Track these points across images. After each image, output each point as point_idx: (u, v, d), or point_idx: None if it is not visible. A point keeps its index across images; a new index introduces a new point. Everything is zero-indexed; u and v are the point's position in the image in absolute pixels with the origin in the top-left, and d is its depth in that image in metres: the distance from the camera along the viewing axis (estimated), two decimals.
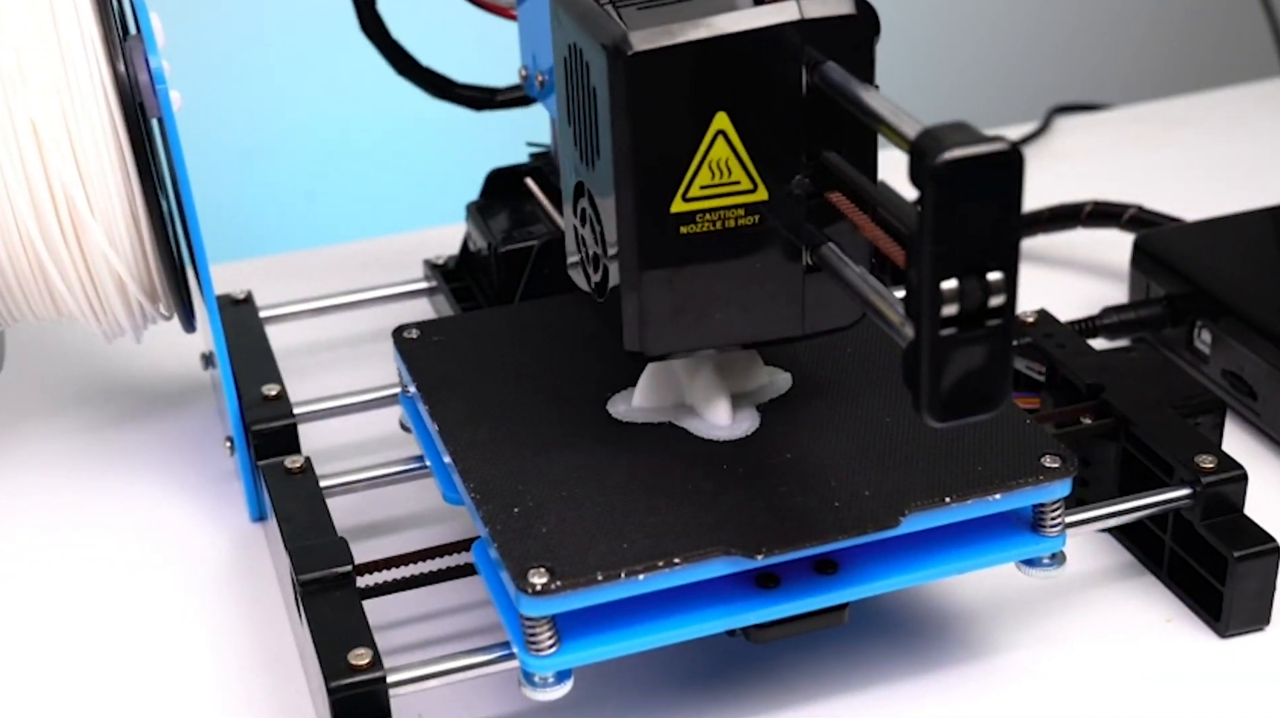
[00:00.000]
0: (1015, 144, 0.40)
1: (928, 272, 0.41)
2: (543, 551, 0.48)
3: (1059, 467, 0.51)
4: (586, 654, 0.49)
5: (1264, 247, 0.74)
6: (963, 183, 0.40)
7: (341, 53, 1.13)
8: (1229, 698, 0.54)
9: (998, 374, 0.42)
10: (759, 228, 0.50)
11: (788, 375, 0.56)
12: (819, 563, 0.50)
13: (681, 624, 0.49)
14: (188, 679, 0.56)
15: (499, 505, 0.50)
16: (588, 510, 0.50)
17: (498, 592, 0.50)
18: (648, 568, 0.48)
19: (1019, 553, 0.52)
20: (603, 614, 0.49)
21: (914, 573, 0.51)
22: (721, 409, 0.54)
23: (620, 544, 0.48)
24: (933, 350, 0.41)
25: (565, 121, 0.52)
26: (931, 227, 0.40)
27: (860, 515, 0.49)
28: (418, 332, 0.60)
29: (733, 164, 0.49)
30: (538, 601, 0.47)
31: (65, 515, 0.65)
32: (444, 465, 0.55)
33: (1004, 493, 0.50)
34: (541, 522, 0.50)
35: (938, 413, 0.42)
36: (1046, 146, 0.95)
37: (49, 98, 0.56)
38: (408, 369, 0.58)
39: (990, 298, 0.41)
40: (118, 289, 0.60)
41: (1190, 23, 1.38)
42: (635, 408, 0.55)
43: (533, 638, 0.48)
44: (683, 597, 0.49)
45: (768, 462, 0.52)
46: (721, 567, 0.48)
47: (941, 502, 0.50)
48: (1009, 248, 0.41)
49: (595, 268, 0.52)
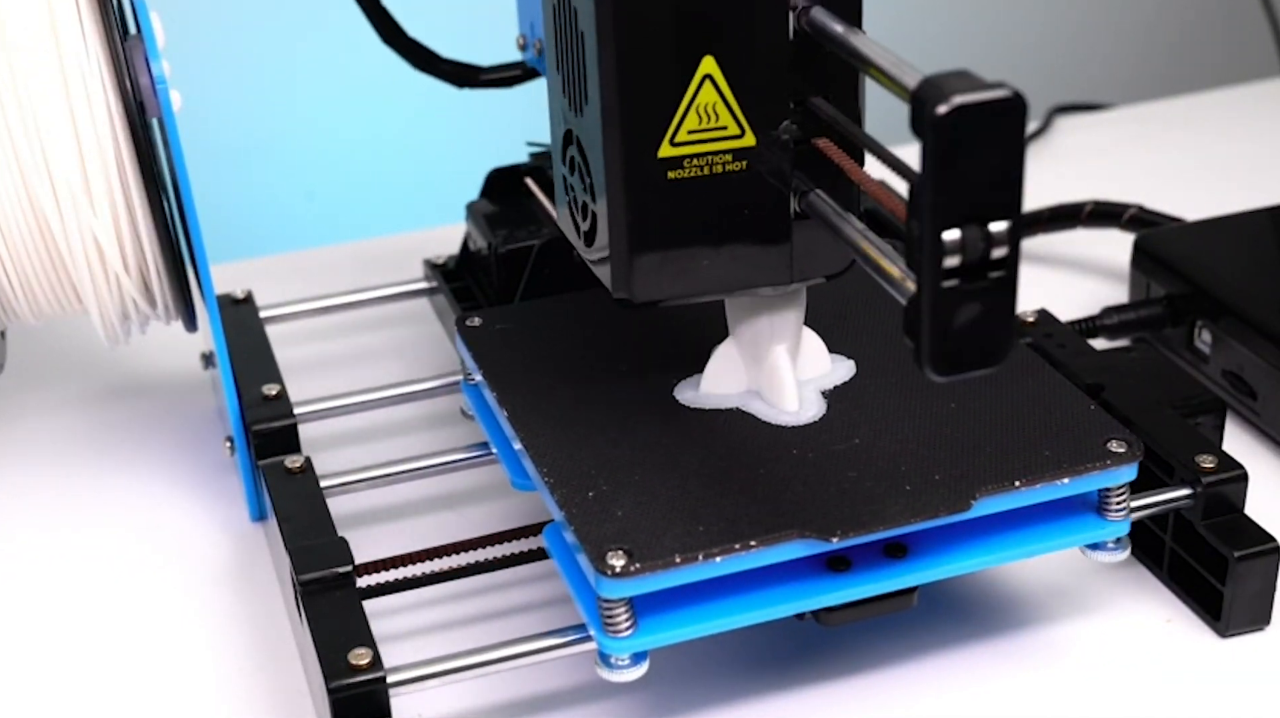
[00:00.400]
0: (1018, 91, 0.39)
1: (929, 222, 0.40)
2: (619, 533, 0.48)
3: (1125, 451, 0.51)
4: (663, 636, 0.49)
5: (1264, 247, 0.74)
6: (965, 131, 0.39)
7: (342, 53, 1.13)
8: (1229, 698, 0.54)
9: (1001, 327, 0.42)
10: (747, 174, 0.50)
11: (850, 363, 0.57)
12: (888, 547, 0.51)
13: (755, 607, 0.50)
14: (188, 679, 0.56)
15: (573, 489, 0.51)
16: (661, 495, 0.50)
17: (572, 575, 0.50)
18: (724, 551, 0.48)
19: (1085, 537, 0.53)
20: (678, 597, 0.49)
21: (983, 557, 0.51)
22: (789, 395, 0.54)
23: (696, 527, 0.49)
24: (934, 303, 0.41)
25: (554, 69, 0.52)
26: (933, 176, 0.40)
27: (932, 499, 0.50)
28: (480, 319, 0.60)
29: (720, 109, 0.49)
30: (617, 582, 0.47)
31: (65, 515, 0.65)
32: (513, 452, 0.55)
33: (1072, 477, 0.51)
34: (617, 505, 0.50)
35: (940, 367, 0.42)
36: (1046, 146, 0.95)
37: (49, 98, 0.56)
38: (472, 357, 0.58)
39: (993, 249, 0.41)
40: (119, 289, 0.60)
41: (1190, 23, 1.38)
42: (703, 393, 0.55)
43: (610, 620, 0.48)
44: (754, 580, 0.50)
45: (836, 447, 0.52)
46: (796, 549, 0.49)
47: (1011, 486, 0.50)
48: (1012, 197, 0.41)
49: (584, 216, 0.52)
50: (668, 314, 0.54)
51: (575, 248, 0.54)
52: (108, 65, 0.57)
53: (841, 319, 0.59)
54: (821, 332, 0.56)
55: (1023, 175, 0.41)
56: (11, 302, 0.60)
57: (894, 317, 0.59)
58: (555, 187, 0.55)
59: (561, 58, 0.51)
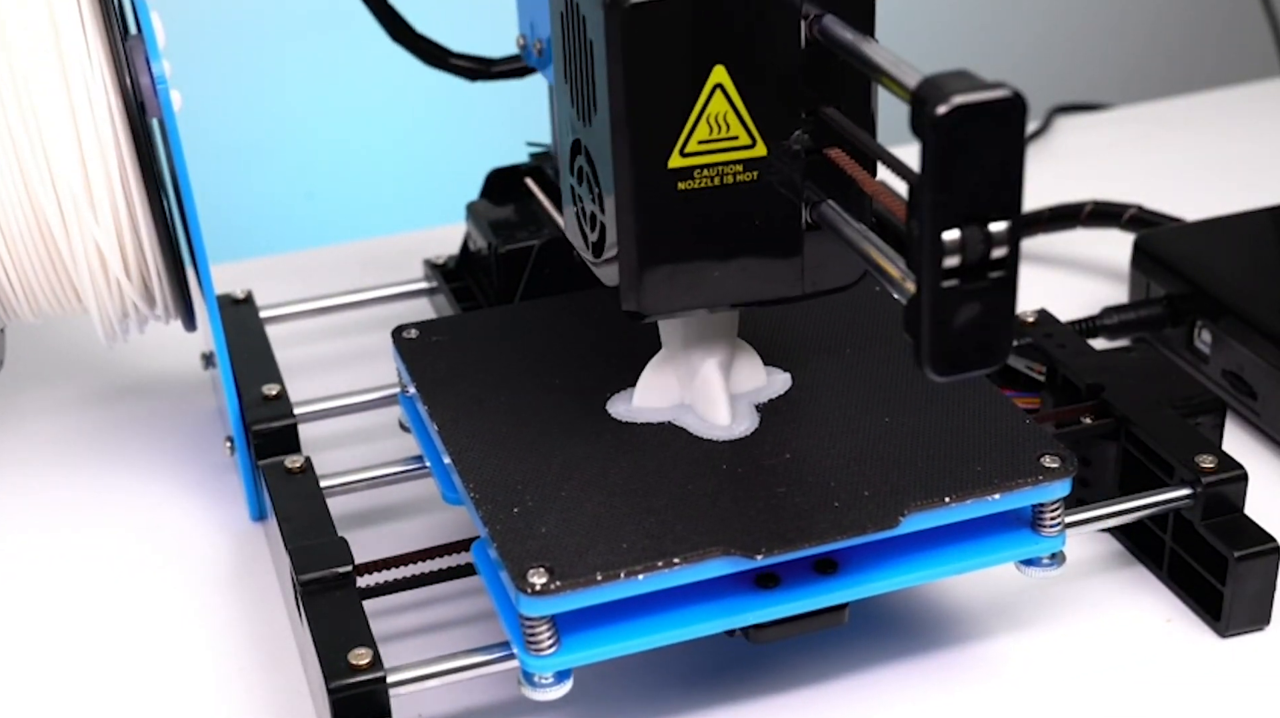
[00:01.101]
0: (1018, 91, 0.39)
1: (929, 222, 0.40)
2: (542, 551, 0.48)
3: (1059, 467, 0.51)
4: (586, 654, 0.49)
5: (1264, 247, 0.74)
6: (965, 131, 0.39)
7: (342, 53, 1.13)
8: (1229, 698, 0.54)
9: (1000, 327, 0.42)
10: (757, 184, 0.49)
11: (786, 376, 0.56)
12: (819, 563, 0.50)
13: (681, 624, 0.49)
14: (188, 679, 0.56)
15: (498, 506, 0.50)
16: (587, 511, 0.50)
17: (497, 592, 0.50)
18: (647, 568, 0.48)
19: (1018, 553, 0.52)
20: (602, 614, 0.49)
21: (914, 573, 0.51)
22: (721, 409, 0.54)
23: (620, 544, 0.48)
24: (934, 302, 0.41)
25: (562, 79, 0.52)
26: (933, 176, 0.40)
27: (860, 516, 0.49)
28: (417, 332, 0.60)
29: (731, 119, 0.48)
30: (537, 600, 0.47)
31: (65, 515, 0.65)
32: (443, 466, 0.55)
33: (1003, 493, 0.50)
34: (541, 522, 0.49)
35: (939, 366, 0.42)
36: (1046, 146, 0.95)
37: (50, 97, 0.56)
38: (407, 369, 0.58)
39: (993, 249, 0.41)
40: (118, 289, 0.60)
41: (1190, 23, 1.38)
42: (635, 408, 0.55)
43: (532, 638, 0.48)
44: (682, 597, 0.49)
45: (767, 462, 0.52)
46: (721, 567, 0.48)
47: (941, 502, 0.50)
48: (1012, 197, 0.41)
49: (592, 227, 0.52)
50: (604, 327, 0.53)
51: (583, 259, 0.54)
52: (108, 65, 0.57)
53: (779, 331, 0.59)
54: (758, 344, 0.56)
55: (1023, 175, 0.41)
56: (11, 300, 0.60)
57: (832, 328, 0.59)
58: (563, 196, 0.55)
59: (570, 67, 0.51)
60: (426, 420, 0.56)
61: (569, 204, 0.54)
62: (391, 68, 0.71)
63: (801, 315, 0.60)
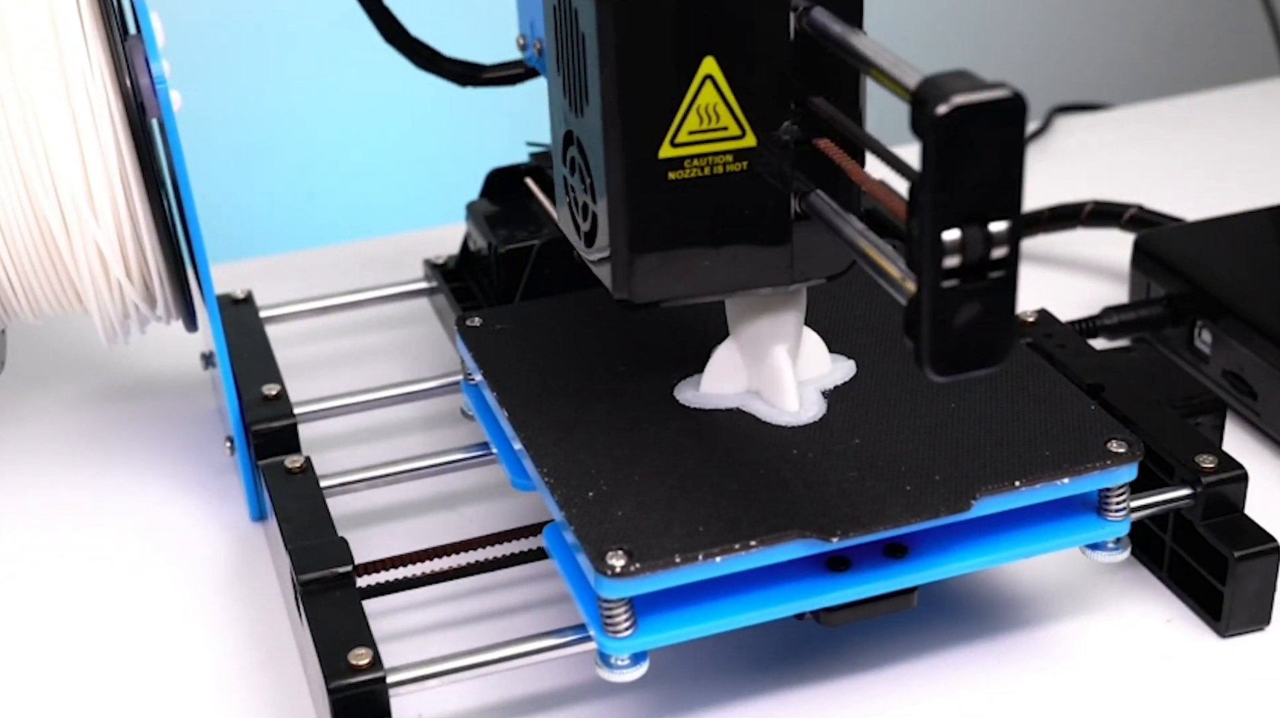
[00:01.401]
0: (1018, 91, 0.39)
1: (929, 222, 0.40)
2: (620, 534, 0.48)
3: (1125, 451, 0.51)
4: (663, 636, 0.49)
5: (1264, 246, 0.74)
6: (966, 131, 0.39)
7: (342, 53, 1.13)
8: (1229, 698, 0.54)
9: (1000, 327, 0.42)
10: (747, 174, 0.50)
11: (851, 363, 0.57)
12: (888, 547, 0.51)
13: (755, 607, 0.50)
14: (188, 679, 0.56)
15: (573, 489, 0.51)
16: (661, 495, 0.50)
17: (573, 575, 0.50)
18: (724, 551, 0.48)
19: (1085, 537, 0.53)
20: (677, 597, 0.49)
21: (983, 557, 0.51)
22: (790, 395, 0.54)
23: (696, 527, 0.49)
24: (934, 302, 0.41)
25: (555, 71, 0.52)
26: (933, 176, 0.40)
27: (933, 499, 0.49)
28: (480, 320, 0.60)
29: (721, 110, 0.49)
30: (617, 583, 0.47)
31: (65, 515, 0.65)
32: (513, 452, 0.55)
33: (1072, 477, 0.51)
34: (617, 506, 0.50)
35: (939, 367, 0.42)
36: (1046, 146, 0.95)
37: (50, 98, 0.56)
38: (472, 357, 0.58)
39: (993, 249, 0.41)
40: (119, 289, 0.59)
41: (1190, 23, 1.38)
42: (703, 393, 0.55)
43: (610, 620, 0.48)
44: (755, 580, 0.50)
45: (837, 447, 0.52)
46: (796, 549, 0.49)
47: (1011, 486, 0.50)
48: (1012, 197, 0.41)
49: (584, 216, 0.52)
50: (667, 314, 0.54)
51: (575, 248, 0.54)
52: (108, 66, 0.57)
53: (842, 319, 0.59)
54: (821, 332, 0.56)
55: (1023, 175, 0.41)
56: (11, 301, 0.60)
57: (894, 317, 0.59)
58: (555, 187, 0.55)
59: (562, 58, 0.51)
60: (495, 407, 0.56)
61: (562, 195, 0.54)
62: (392, 68, 0.71)
63: (863, 303, 0.60)
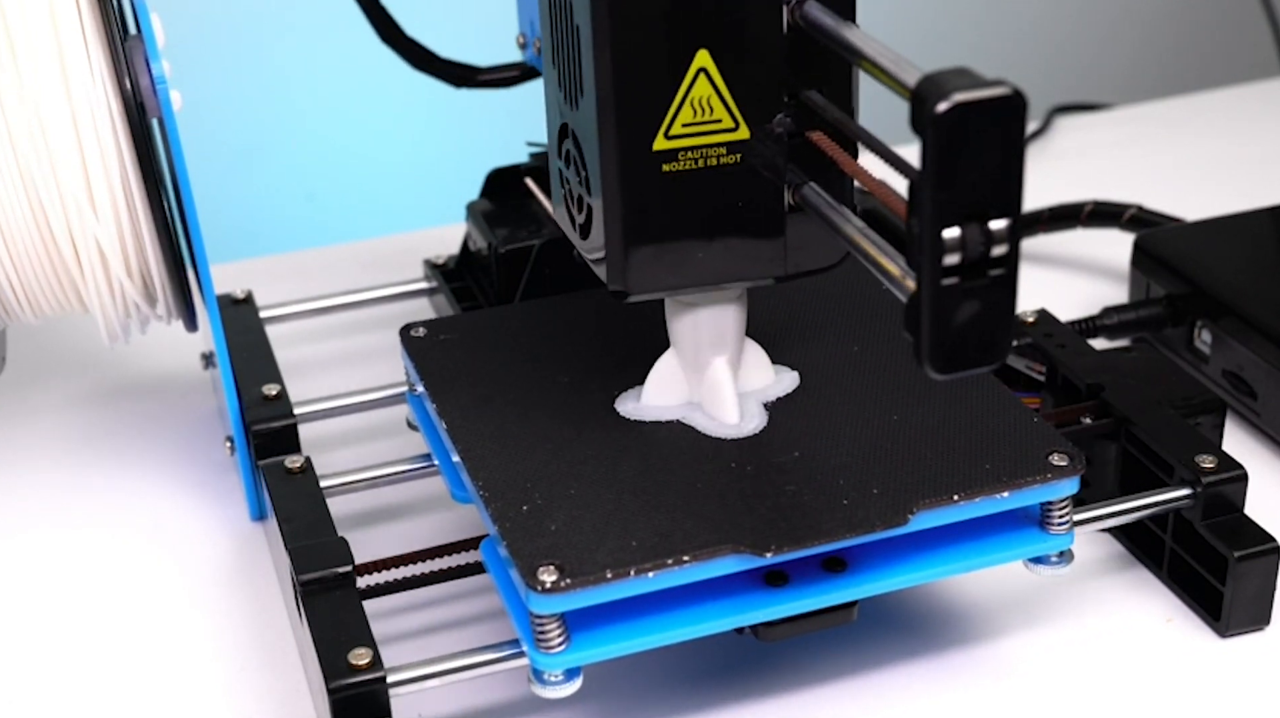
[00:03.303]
0: (1018, 89, 0.39)
1: (929, 220, 0.40)
2: (552, 548, 0.48)
3: (1067, 464, 0.51)
4: (596, 652, 0.49)
5: (1264, 246, 0.74)
6: (966, 128, 0.39)
7: (342, 53, 1.13)
8: (1229, 698, 0.54)
9: (1000, 325, 0.42)
10: (741, 167, 0.50)
11: (794, 374, 0.56)
12: (828, 561, 0.51)
13: (690, 622, 0.49)
14: (188, 679, 0.56)
15: (508, 503, 0.50)
16: (596, 508, 0.50)
17: (506, 590, 0.50)
18: (657, 566, 0.48)
19: (1027, 551, 0.52)
20: (611, 612, 0.49)
21: (922, 571, 0.51)
22: (730, 407, 0.54)
23: (629, 542, 0.48)
24: (934, 300, 0.41)
25: (550, 63, 0.52)
26: (933, 173, 0.40)
27: (869, 513, 0.49)
28: (425, 330, 0.60)
29: (714, 102, 0.49)
30: (547, 598, 0.47)
31: (65, 514, 0.65)
32: (452, 464, 0.55)
33: (1012, 491, 0.50)
34: (550, 520, 0.50)
35: (939, 364, 0.42)
36: (1046, 146, 0.95)
37: (50, 98, 0.56)
38: (415, 367, 0.58)
39: (993, 247, 0.41)
40: (119, 289, 0.59)
41: (1190, 23, 1.38)
42: (643, 406, 0.55)
43: (542, 636, 0.48)
44: (691, 595, 0.49)
45: (776, 460, 0.52)
46: (730, 564, 0.48)
47: (950, 499, 0.50)
48: (1012, 195, 0.41)
49: (579, 209, 0.52)
50: (611, 326, 0.53)
51: (570, 241, 0.54)
52: (108, 66, 0.57)
53: (786, 330, 0.59)
54: (765, 343, 0.56)
55: (1023, 173, 0.41)
56: (12, 301, 0.60)
57: (839, 327, 0.59)
58: (551, 180, 0.55)
59: (557, 51, 0.51)
60: (435, 418, 0.56)
61: (557, 188, 0.54)
62: (392, 68, 0.71)
63: (809, 313, 0.60)
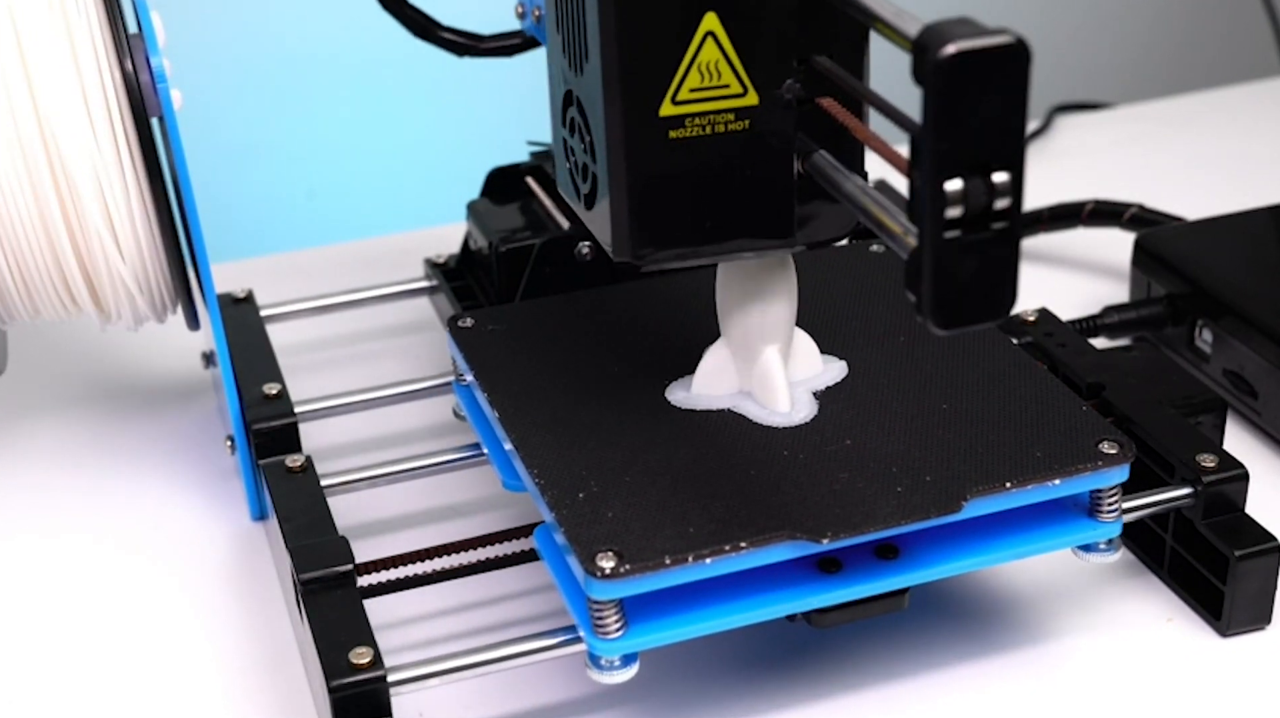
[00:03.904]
0: (1021, 37, 0.39)
1: (930, 171, 0.40)
2: (610, 535, 0.48)
3: (1117, 452, 0.51)
4: (653, 638, 0.49)
5: (1265, 246, 0.74)
6: (967, 77, 0.39)
7: (342, 52, 1.13)
8: (1229, 698, 0.54)
9: (1003, 279, 0.41)
10: (749, 133, 0.49)
11: (842, 364, 0.57)
12: (879, 548, 0.51)
13: (746, 608, 0.49)
14: (188, 679, 0.56)
15: (564, 491, 0.50)
16: (652, 496, 0.50)
17: (563, 576, 0.50)
18: (714, 552, 0.48)
19: (1077, 538, 0.52)
20: (668, 598, 0.49)
21: (974, 558, 0.51)
22: (781, 396, 0.54)
23: (686, 529, 0.48)
24: (935, 254, 0.40)
25: (554, 29, 0.52)
26: (934, 124, 0.39)
27: (923, 500, 0.49)
28: (472, 320, 0.60)
29: (722, 67, 0.48)
30: (606, 584, 0.47)
31: (65, 514, 0.65)
32: (504, 453, 0.55)
33: (1063, 478, 0.51)
34: (607, 507, 0.50)
35: (940, 319, 0.41)
36: (1047, 146, 0.95)
37: (55, 96, 0.56)
38: (464, 357, 0.58)
39: (995, 200, 0.40)
40: (120, 288, 0.59)
41: (1191, 22, 1.38)
42: (694, 395, 0.55)
43: (600, 622, 0.48)
44: (746, 581, 0.49)
45: (828, 448, 0.52)
46: (786, 551, 0.49)
47: (1002, 487, 0.50)
48: (1015, 147, 0.40)
49: (584, 178, 0.51)
50: (660, 315, 0.53)
51: (575, 211, 0.53)
52: (109, 64, 0.57)
53: (833, 320, 0.59)
54: (813, 332, 0.56)
55: (1025, 125, 0.40)
56: (13, 300, 0.60)
57: (886, 316, 0.59)
58: (554, 150, 0.54)
59: (561, 17, 0.51)
60: (486, 408, 0.56)
61: (561, 158, 0.54)
62: (392, 67, 0.71)
63: (854, 304, 0.60)
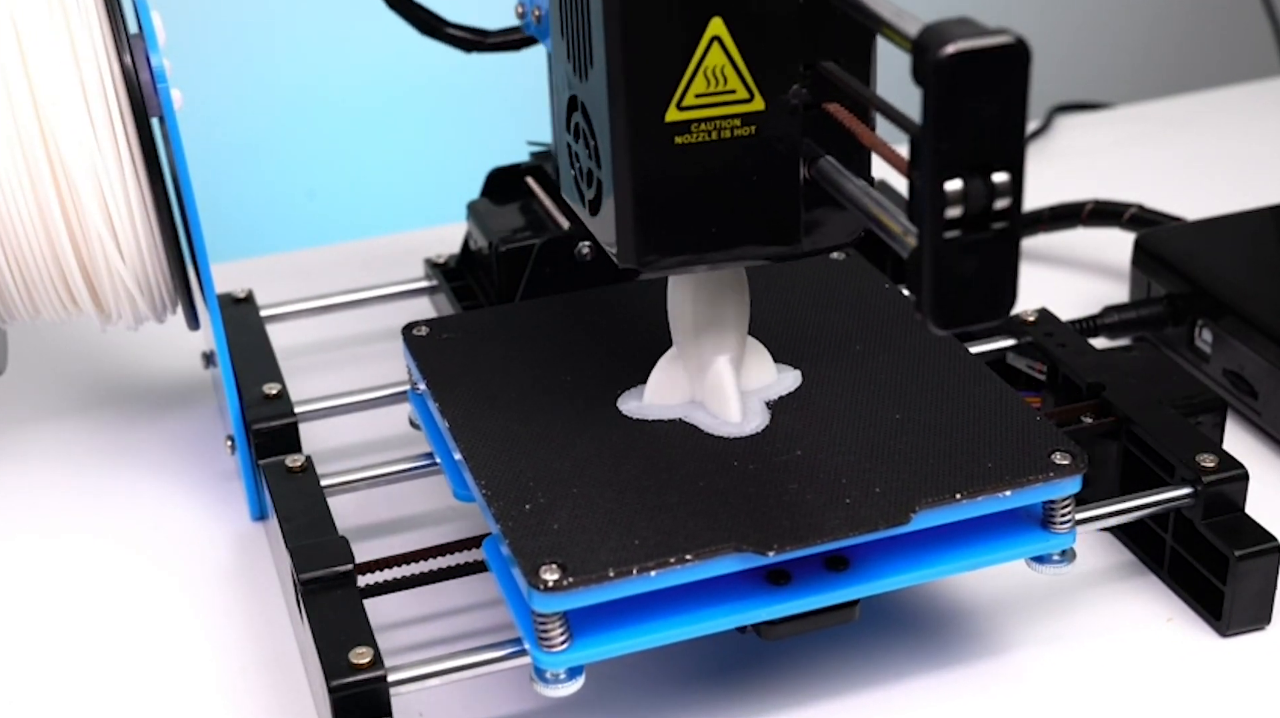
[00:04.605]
0: (1021, 37, 0.39)
1: (930, 171, 0.40)
2: (554, 547, 0.48)
3: (1069, 463, 0.51)
4: (598, 651, 0.48)
5: (1265, 246, 0.74)
6: (967, 77, 0.39)
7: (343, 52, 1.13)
8: (1229, 698, 0.54)
9: (1003, 279, 0.42)
10: (755, 139, 0.49)
11: (796, 373, 0.56)
12: (830, 560, 0.50)
13: (693, 621, 0.49)
14: (188, 679, 0.56)
15: (510, 502, 0.50)
16: (599, 507, 0.50)
17: (509, 588, 0.50)
18: (659, 565, 0.48)
19: (1029, 550, 0.52)
20: (614, 611, 0.49)
21: (925, 570, 0.51)
22: (733, 406, 0.54)
23: (632, 541, 0.48)
24: (935, 254, 0.41)
25: (559, 34, 0.52)
26: (934, 123, 0.39)
27: (871, 512, 0.49)
28: (427, 329, 0.60)
29: (728, 72, 0.48)
30: (550, 597, 0.47)
31: (65, 514, 0.65)
32: (454, 463, 0.55)
33: (1014, 490, 0.50)
34: (553, 518, 0.49)
35: (940, 319, 0.42)
36: (1047, 146, 0.95)
37: (55, 95, 0.56)
38: (417, 366, 0.58)
39: (996, 200, 0.40)
40: (121, 288, 0.59)
41: (1191, 22, 1.38)
42: (646, 405, 0.55)
43: (545, 634, 0.48)
44: (694, 593, 0.49)
45: (778, 459, 0.52)
46: (733, 563, 0.48)
47: (952, 498, 0.50)
48: (1015, 147, 0.40)
49: (589, 183, 0.51)
50: (617, 324, 0.53)
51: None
52: (110, 64, 0.57)
53: (789, 328, 0.59)
54: (768, 341, 0.56)
55: (1025, 124, 0.40)
56: (13, 301, 0.60)
57: (843, 325, 0.59)
58: (558, 155, 0.54)
59: (566, 21, 0.50)
60: (437, 417, 0.56)
61: (565, 163, 0.53)
62: (393, 67, 0.71)
63: (810, 312, 0.60)
